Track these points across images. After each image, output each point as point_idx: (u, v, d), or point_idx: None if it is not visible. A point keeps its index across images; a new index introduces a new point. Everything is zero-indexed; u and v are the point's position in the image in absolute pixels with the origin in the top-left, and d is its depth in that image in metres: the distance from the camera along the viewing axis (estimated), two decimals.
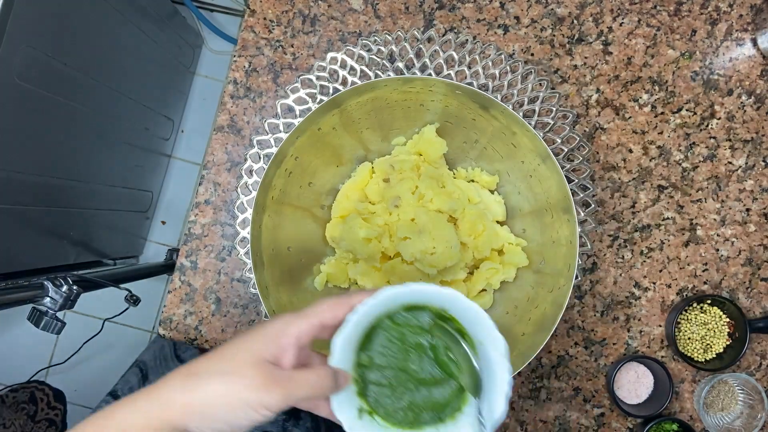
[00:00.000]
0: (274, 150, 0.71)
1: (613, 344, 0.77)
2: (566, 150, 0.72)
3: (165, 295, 1.62)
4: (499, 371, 0.45)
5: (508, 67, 0.73)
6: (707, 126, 0.77)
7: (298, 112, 0.73)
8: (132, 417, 0.39)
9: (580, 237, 0.68)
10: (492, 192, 0.74)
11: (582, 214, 0.71)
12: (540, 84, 0.72)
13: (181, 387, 0.40)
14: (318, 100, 0.72)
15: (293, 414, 0.73)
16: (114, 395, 0.94)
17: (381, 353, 0.48)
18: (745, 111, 0.77)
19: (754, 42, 0.77)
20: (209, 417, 0.39)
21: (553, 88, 0.77)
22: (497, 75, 0.73)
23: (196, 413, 0.39)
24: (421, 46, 0.74)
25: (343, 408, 0.45)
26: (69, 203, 1.16)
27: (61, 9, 0.97)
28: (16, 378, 1.61)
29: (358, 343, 0.47)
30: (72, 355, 1.28)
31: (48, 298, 0.86)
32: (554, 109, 0.72)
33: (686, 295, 0.77)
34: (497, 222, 0.73)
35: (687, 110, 0.78)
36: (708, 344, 0.75)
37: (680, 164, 0.77)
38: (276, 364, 0.41)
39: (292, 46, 0.78)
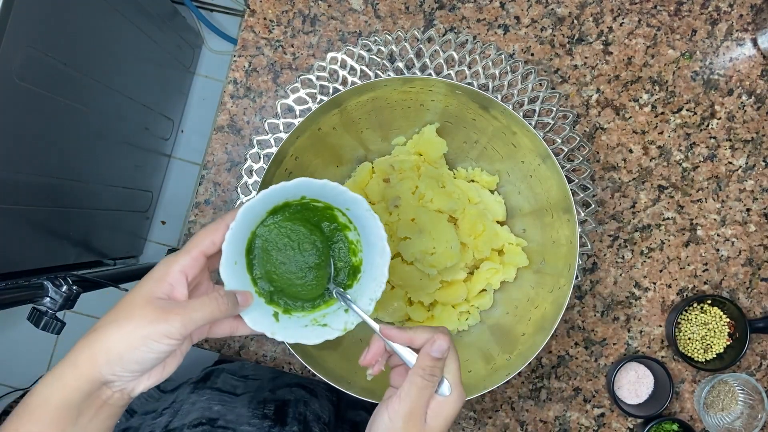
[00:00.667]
0: (274, 150, 0.71)
1: (614, 344, 0.77)
2: (566, 150, 0.72)
3: None
4: (379, 277, 0.51)
5: (508, 67, 0.73)
6: (707, 126, 0.77)
7: (298, 112, 0.73)
8: (50, 386, 0.42)
9: (581, 237, 0.68)
10: (492, 192, 0.74)
11: (582, 214, 0.71)
12: (540, 84, 0.72)
13: (86, 344, 0.42)
14: (318, 100, 0.71)
15: (279, 420, 0.73)
16: None
17: (270, 262, 0.52)
18: (745, 111, 0.77)
19: (755, 42, 0.77)
20: (116, 361, 0.41)
21: (553, 88, 0.77)
22: (497, 75, 0.73)
23: (103, 362, 0.41)
24: (421, 46, 0.74)
25: (258, 320, 0.49)
26: (69, 203, 1.16)
27: (61, 9, 0.97)
28: (17, 378, 1.61)
29: (246, 261, 0.50)
30: None
31: (48, 298, 0.85)
32: (554, 109, 0.72)
33: (686, 295, 0.77)
34: (497, 222, 0.73)
35: (687, 110, 0.78)
36: (708, 344, 0.75)
37: (680, 164, 0.77)
38: (170, 299, 0.44)
39: (292, 46, 0.78)
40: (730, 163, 0.77)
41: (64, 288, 0.86)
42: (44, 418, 0.42)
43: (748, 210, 0.77)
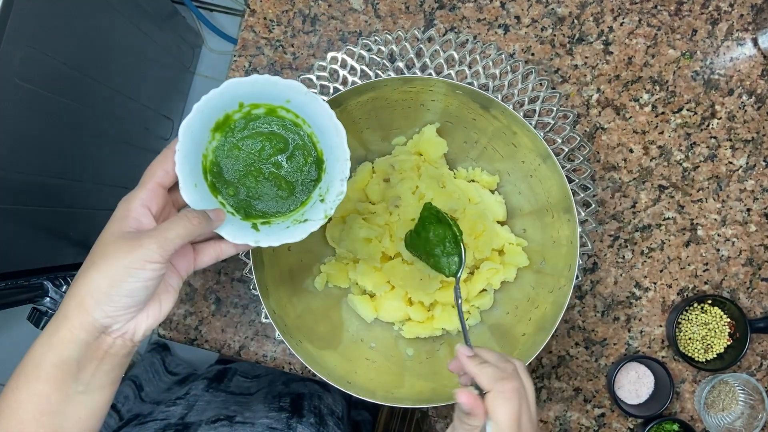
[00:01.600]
0: None
1: (614, 344, 0.77)
2: (567, 150, 0.72)
3: None
4: (342, 155, 0.51)
5: (508, 67, 0.73)
6: (708, 126, 0.77)
7: None
8: (45, 344, 0.41)
9: (581, 237, 0.67)
10: (492, 192, 0.74)
11: (582, 214, 0.71)
12: (540, 84, 0.72)
13: (71, 295, 0.42)
14: None
15: (296, 412, 0.73)
16: (112, 406, 0.94)
17: (237, 176, 0.52)
18: (745, 111, 0.77)
19: (755, 42, 0.77)
20: (105, 300, 0.41)
21: (553, 88, 0.77)
22: (498, 75, 0.73)
23: (92, 305, 0.41)
24: (421, 45, 0.74)
25: (238, 234, 0.49)
26: (69, 203, 1.16)
27: (61, 9, 0.97)
28: None
29: (208, 183, 0.50)
30: None
31: (48, 298, 0.85)
32: (555, 108, 0.72)
33: (687, 295, 0.77)
34: (498, 222, 0.73)
35: (688, 110, 0.77)
36: (709, 344, 0.75)
37: (681, 164, 0.77)
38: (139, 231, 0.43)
39: (293, 46, 0.78)
40: (731, 163, 0.77)
41: (64, 288, 0.86)
42: (42, 376, 0.41)
43: (748, 210, 0.77)
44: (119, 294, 0.41)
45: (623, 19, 0.77)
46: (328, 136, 0.52)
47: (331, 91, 0.72)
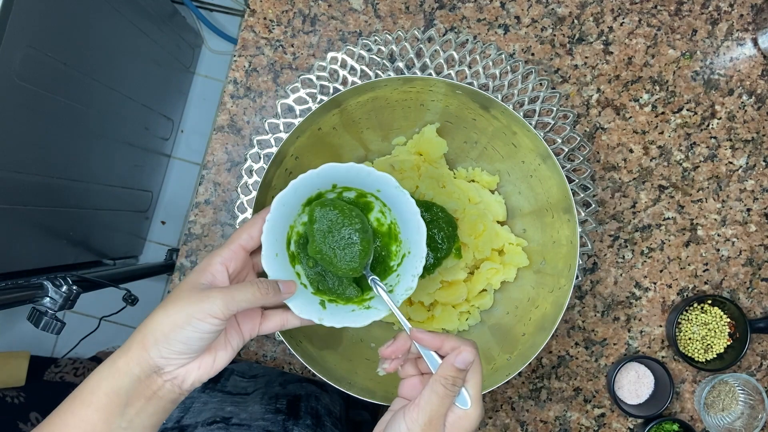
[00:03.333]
0: (274, 150, 0.71)
1: (614, 344, 0.77)
2: (567, 150, 0.72)
3: (165, 295, 1.61)
4: (418, 253, 0.53)
5: (508, 67, 0.73)
6: (708, 126, 0.77)
7: (298, 112, 0.73)
8: (103, 371, 0.43)
9: (581, 237, 0.68)
10: (492, 192, 0.73)
11: (582, 214, 0.71)
12: (540, 84, 0.72)
13: (137, 331, 0.44)
14: (318, 99, 0.71)
15: (292, 413, 0.73)
16: None
17: (313, 252, 0.53)
18: (745, 111, 0.77)
19: (755, 42, 0.77)
20: (163, 341, 0.43)
21: (553, 88, 0.77)
22: (498, 75, 0.73)
23: (151, 343, 0.43)
24: (421, 45, 0.74)
25: (305, 308, 0.51)
26: (69, 203, 1.16)
27: (61, 9, 0.97)
28: None
29: (288, 254, 0.53)
30: (68, 353, 1.28)
31: (48, 298, 0.85)
32: (555, 108, 0.72)
33: (687, 295, 0.77)
34: (498, 222, 0.73)
35: (687, 110, 0.77)
36: (709, 344, 0.75)
37: (681, 164, 0.77)
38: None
39: (292, 46, 0.78)
40: (731, 163, 0.77)
41: (64, 288, 0.86)
42: (94, 403, 0.42)
43: (748, 210, 0.77)
44: (176, 339, 0.43)
45: (623, 19, 0.77)
46: (409, 230, 0.54)
47: (331, 91, 0.72)
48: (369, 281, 0.53)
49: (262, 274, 0.51)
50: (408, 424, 0.45)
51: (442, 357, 0.47)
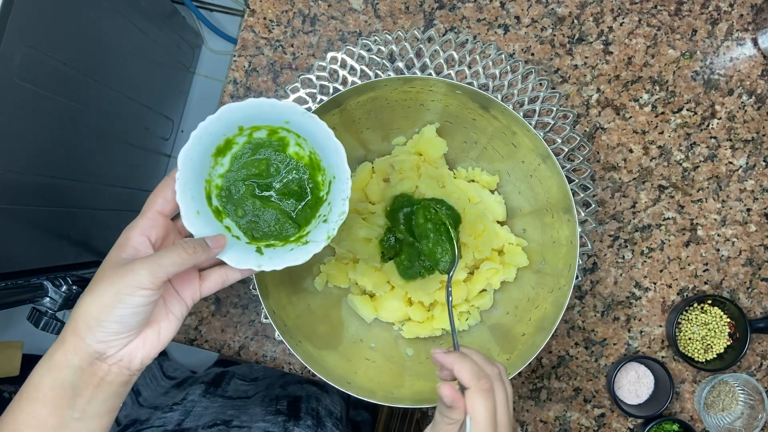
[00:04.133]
0: None
1: (614, 344, 0.77)
2: (567, 150, 0.72)
3: None
4: (342, 175, 0.51)
5: (508, 67, 0.73)
6: (708, 126, 0.77)
7: None
8: (42, 367, 0.42)
9: (581, 237, 0.67)
10: (492, 192, 0.73)
11: (582, 214, 0.71)
12: (540, 84, 0.72)
13: (70, 320, 0.42)
14: (318, 99, 0.71)
15: (293, 415, 0.73)
16: None
17: (237, 209, 0.52)
18: (745, 111, 0.77)
19: (755, 42, 0.77)
20: (95, 325, 0.41)
21: (553, 88, 0.77)
22: (497, 75, 0.73)
23: (84, 330, 0.41)
24: (421, 45, 0.74)
25: (241, 259, 0.49)
26: (69, 203, 1.16)
27: (61, 9, 0.97)
28: None
29: (211, 209, 0.51)
30: None
31: (48, 298, 0.85)
32: (555, 108, 0.72)
33: (687, 295, 0.77)
34: (497, 222, 0.73)
35: (687, 110, 0.77)
36: (708, 344, 0.75)
37: (681, 164, 0.77)
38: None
39: (292, 46, 0.78)
40: (731, 163, 0.77)
41: (64, 288, 0.86)
42: (40, 398, 0.41)
43: (748, 210, 0.77)
44: (108, 320, 0.41)
45: (623, 19, 0.77)
46: (328, 155, 0.52)
47: (331, 91, 0.72)
48: (317, 224, 0.53)
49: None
50: None
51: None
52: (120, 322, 0.41)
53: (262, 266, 0.50)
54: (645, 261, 0.77)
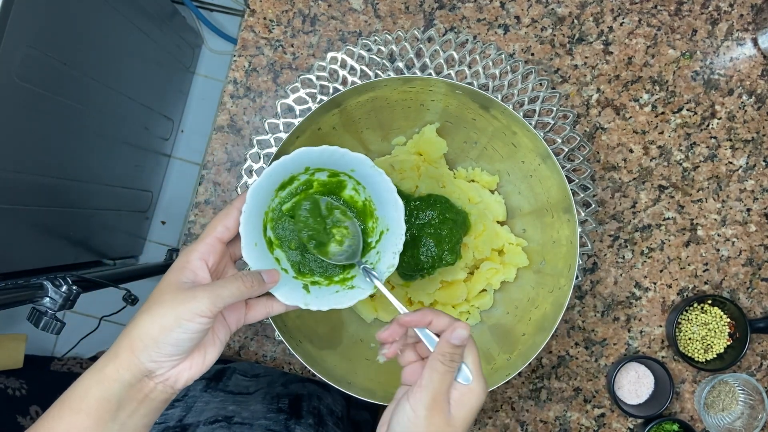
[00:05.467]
0: (274, 150, 0.71)
1: (614, 344, 0.77)
2: (567, 150, 0.72)
3: None
4: (397, 230, 0.53)
5: (508, 67, 0.73)
6: (708, 126, 0.77)
7: (298, 112, 0.73)
8: (91, 378, 0.43)
9: (581, 237, 0.67)
10: (492, 192, 0.74)
11: (582, 214, 0.71)
12: (540, 84, 0.72)
13: (123, 335, 0.43)
14: (318, 99, 0.71)
15: (294, 413, 0.73)
16: None
17: (289, 241, 0.54)
18: (745, 111, 0.77)
19: (755, 42, 0.77)
20: (152, 345, 0.42)
21: (553, 88, 0.77)
22: (497, 75, 0.73)
23: (140, 349, 0.42)
24: (421, 45, 0.74)
25: (289, 294, 0.50)
26: (69, 203, 1.16)
27: (61, 9, 0.97)
28: None
29: (266, 244, 0.52)
30: (67, 352, 1.28)
31: (47, 298, 0.85)
32: (555, 108, 0.72)
33: (687, 295, 0.77)
34: (497, 222, 0.73)
35: (687, 110, 0.77)
36: (708, 344, 0.75)
37: (681, 164, 0.77)
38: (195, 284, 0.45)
39: (292, 46, 0.78)
40: (731, 163, 0.77)
41: (64, 288, 0.86)
42: (84, 409, 0.42)
43: (748, 210, 0.77)
44: (166, 342, 0.42)
45: (623, 19, 0.77)
46: (387, 209, 0.54)
47: (331, 91, 0.72)
48: (360, 268, 0.53)
49: (241, 263, 0.50)
50: (412, 406, 0.44)
51: (438, 336, 0.47)
52: (175, 345, 0.43)
53: (309, 305, 0.51)
54: (645, 261, 0.77)
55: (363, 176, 0.53)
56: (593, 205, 0.72)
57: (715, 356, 0.75)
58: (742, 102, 0.77)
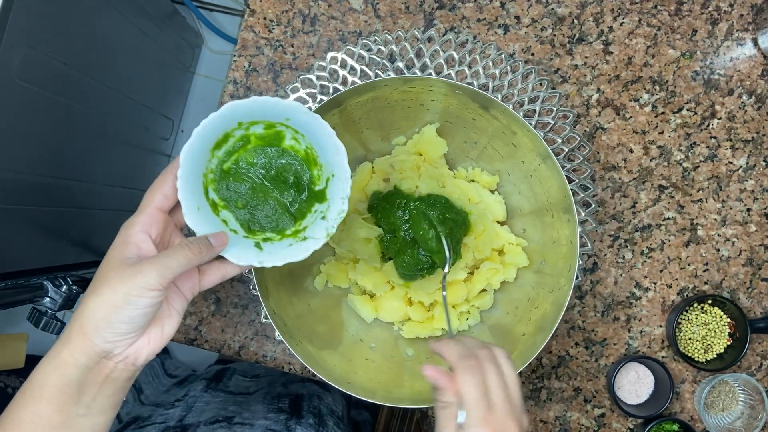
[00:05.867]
0: None
1: (614, 344, 0.77)
2: (567, 150, 0.72)
3: None
4: (342, 174, 0.52)
5: (508, 67, 0.73)
6: (708, 126, 0.77)
7: None
8: (48, 365, 0.42)
9: (581, 237, 0.67)
10: (492, 192, 0.74)
11: (582, 214, 0.71)
12: (540, 84, 0.72)
13: (74, 319, 0.42)
14: (318, 99, 0.71)
15: (295, 413, 0.73)
16: None
17: (235, 200, 0.53)
18: (745, 111, 0.77)
19: (755, 42, 0.77)
20: (104, 326, 0.41)
21: (553, 88, 0.77)
22: (497, 75, 0.73)
23: (92, 331, 0.41)
24: (421, 45, 0.74)
25: (242, 255, 0.49)
26: (69, 203, 1.16)
27: (61, 9, 0.97)
28: None
29: (209, 206, 0.51)
30: None
31: (48, 299, 0.85)
32: (555, 108, 0.72)
33: (687, 295, 0.77)
34: (497, 222, 0.73)
35: (688, 110, 0.77)
36: (709, 344, 0.75)
37: (681, 164, 0.77)
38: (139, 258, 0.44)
39: (292, 46, 0.78)
40: (731, 163, 0.77)
41: (64, 288, 0.86)
42: (45, 396, 0.41)
43: (748, 210, 0.77)
44: (118, 321, 0.41)
45: (623, 19, 0.77)
46: (327, 153, 0.53)
47: (331, 91, 0.72)
48: (312, 215, 0.54)
49: (187, 230, 0.49)
50: None
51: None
52: (128, 323, 0.42)
53: (263, 262, 0.50)
54: (645, 261, 0.77)
55: (300, 124, 0.52)
56: (593, 205, 0.72)
57: (715, 356, 0.75)
58: (742, 102, 0.77)
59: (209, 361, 1.32)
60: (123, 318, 0.41)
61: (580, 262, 0.71)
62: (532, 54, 0.78)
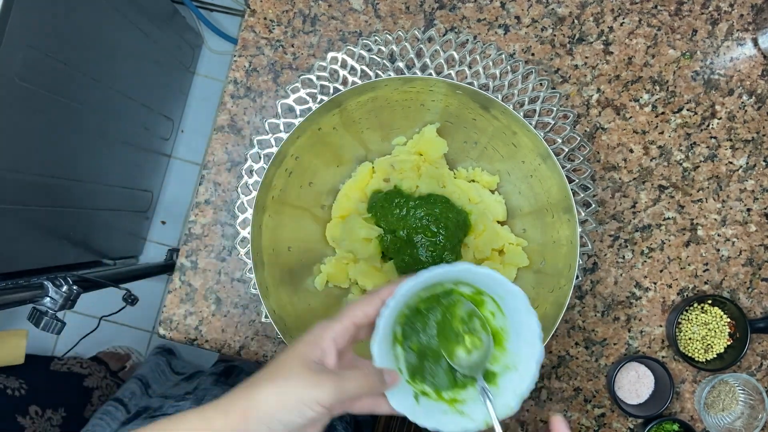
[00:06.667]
0: (274, 150, 0.71)
1: (614, 344, 0.77)
2: (567, 150, 0.72)
3: (165, 295, 1.61)
4: (527, 372, 0.49)
5: (508, 67, 0.73)
6: (708, 126, 0.77)
7: (298, 112, 0.73)
8: (197, 424, 0.42)
9: (581, 237, 0.67)
10: (492, 192, 0.74)
11: (583, 214, 0.71)
12: (541, 84, 0.72)
13: (242, 396, 0.43)
14: (318, 99, 0.71)
15: None
16: (119, 401, 0.94)
17: (413, 340, 0.52)
18: (745, 111, 0.77)
19: (755, 42, 0.77)
20: (266, 419, 0.42)
21: (553, 88, 0.77)
22: (498, 75, 0.73)
23: (253, 417, 0.42)
24: (421, 45, 0.74)
25: (400, 400, 0.48)
26: (69, 203, 1.16)
27: (61, 9, 0.97)
28: None
29: (392, 338, 0.51)
30: (67, 352, 1.28)
31: (48, 298, 0.85)
32: (555, 109, 0.72)
33: (687, 295, 0.77)
34: (498, 222, 0.73)
35: (688, 110, 0.77)
36: (709, 344, 0.75)
37: (681, 164, 0.77)
38: (322, 365, 0.44)
39: (293, 46, 0.78)
40: (731, 162, 0.77)
41: (64, 288, 0.86)
42: None
43: (748, 210, 0.77)
44: (280, 420, 0.42)
45: (623, 19, 0.77)
46: (520, 346, 0.51)
47: (332, 91, 0.72)
48: (478, 387, 0.50)
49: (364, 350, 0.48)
50: None
51: None
52: (287, 425, 0.42)
53: (416, 417, 0.48)
54: (645, 261, 0.77)
55: (509, 308, 0.51)
56: (593, 205, 0.72)
57: (715, 356, 0.75)
58: (743, 102, 0.77)
59: (214, 360, 1.32)
60: (285, 420, 0.42)
61: (580, 262, 0.71)
62: (533, 54, 0.78)
